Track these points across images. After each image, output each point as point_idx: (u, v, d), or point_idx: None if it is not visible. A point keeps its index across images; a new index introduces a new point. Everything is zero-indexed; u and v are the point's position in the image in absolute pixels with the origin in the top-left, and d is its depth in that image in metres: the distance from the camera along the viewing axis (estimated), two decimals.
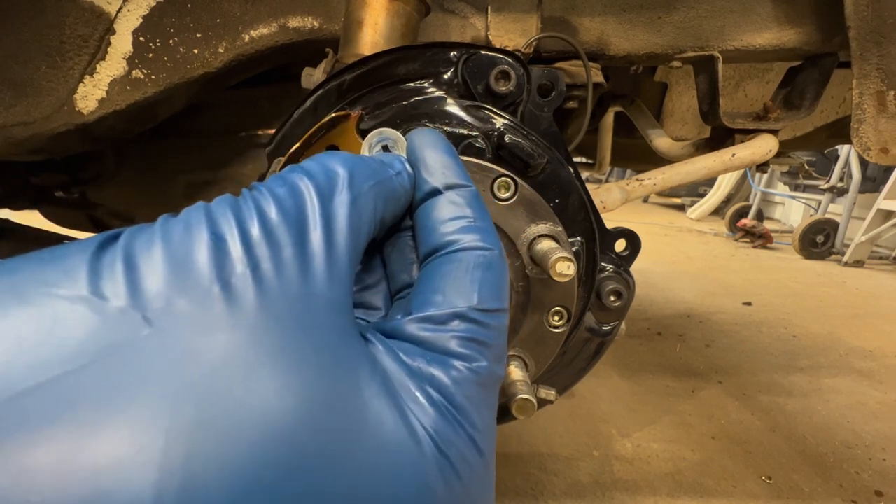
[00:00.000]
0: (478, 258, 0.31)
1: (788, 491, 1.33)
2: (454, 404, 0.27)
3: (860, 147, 0.72)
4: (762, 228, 5.17)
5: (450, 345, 0.29)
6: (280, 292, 0.24)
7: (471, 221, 0.32)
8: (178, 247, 0.23)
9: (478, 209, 0.33)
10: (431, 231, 0.32)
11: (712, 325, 2.59)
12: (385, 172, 0.32)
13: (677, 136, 1.30)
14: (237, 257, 0.24)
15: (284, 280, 0.25)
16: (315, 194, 0.27)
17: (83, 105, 0.79)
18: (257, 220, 0.25)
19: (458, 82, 0.54)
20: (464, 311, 0.29)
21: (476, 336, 0.29)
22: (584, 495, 1.27)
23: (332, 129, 0.53)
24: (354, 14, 0.62)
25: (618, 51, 0.77)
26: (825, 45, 0.74)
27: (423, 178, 0.34)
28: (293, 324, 0.24)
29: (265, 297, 0.24)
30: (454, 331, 0.29)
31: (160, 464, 0.20)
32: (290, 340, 0.24)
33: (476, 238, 0.31)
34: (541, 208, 0.50)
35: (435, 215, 0.32)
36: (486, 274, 0.31)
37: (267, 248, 0.25)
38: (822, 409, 1.77)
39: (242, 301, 0.23)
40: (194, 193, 1.19)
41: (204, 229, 0.24)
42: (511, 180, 0.49)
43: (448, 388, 0.27)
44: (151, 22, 0.76)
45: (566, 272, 0.43)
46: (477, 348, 0.29)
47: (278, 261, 0.25)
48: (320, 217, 0.27)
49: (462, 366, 0.28)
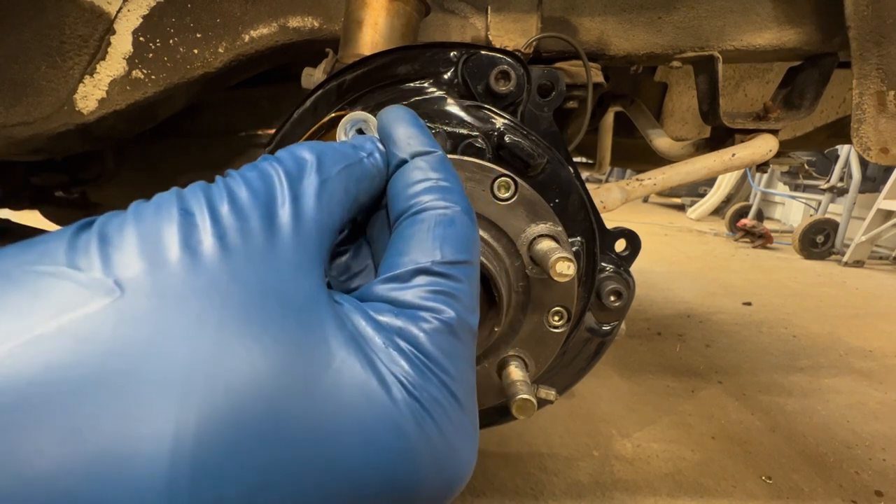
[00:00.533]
0: (439, 216, 0.32)
1: (788, 491, 1.33)
2: (424, 353, 0.28)
3: (860, 147, 0.72)
4: (762, 228, 5.17)
5: (415, 298, 0.29)
6: (245, 257, 0.26)
7: (434, 182, 0.33)
8: (148, 223, 0.25)
9: (442, 171, 0.34)
10: (398, 197, 0.33)
11: (712, 325, 2.59)
12: (356, 155, 0.33)
13: (677, 136, 1.30)
14: (204, 228, 0.25)
15: (250, 246, 0.26)
16: (284, 177, 0.29)
17: (83, 105, 0.79)
18: (227, 198, 0.27)
19: (458, 82, 0.54)
20: (427, 266, 0.30)
21: (442, 288, 0.30)
22: (584, 495, 1.27)
23: (331, 129, 0.53)
24: (354, 14, 0.62)
25: (618, 51, 0.77)
26: (825, 45, 0.74)
27: (391, 153, 0.35)
28: (259, 286, 0.25)
29: (231, 261, 0.25)
30: (419, 285, 0.30)
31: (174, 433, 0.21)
32: (257, 301, 0.25)
33: (437, 197, 0.32)
34: (541, 208, 0.50)
35: (400, 182, 0.34)
36: (448, 230, 0.31)
37: (234, 220, 0.26)
38: (822, 409, 1.77)
39: (209, 266, 0.25)
40: None
41: (174, 207, 0.26)
42: (511, 180, 0.49)
43: (417, 338, 0.28)
44: (151, 22, 0.76)
45: (566, 272, 0.43)
46: (444, 300, 0.30)
47: (245, 230, 0.26)
48: (289, 195, 0.28)
49: (431, 316, 0.29)
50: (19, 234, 1.26)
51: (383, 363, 0.27)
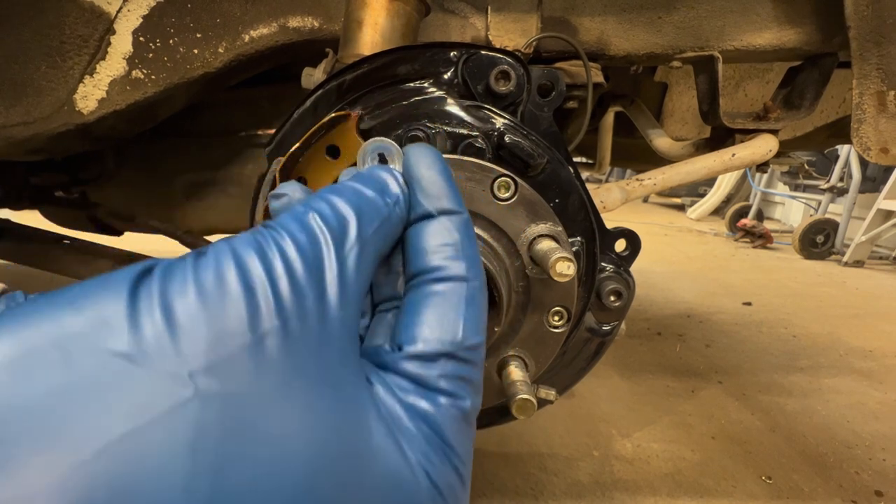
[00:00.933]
0: (462, 292, 0.33)
1: (788, 491, 1.33)
2: (443, 439, 0.30)
3: (860, 147, 0.72)
4: (762, 228, 5.17)
5: (439, 383, 0.31)
6: (304, 346, 0.27)
7: (458, 249, 0.34)
8: (212, 300, 0.25)
9: (467, 237, 0.35)
10: (420, 254, 0.34)
11: (712, 325, 2.59)
12: (386, 209, 0.33)
13: (677, 136, 1.30)
14: (267, 313, 0.26)
15: (307, 333, 0.27)
16: (330, 240, 0.29)
17: (83, 105, 0.79)
18: (284, 269, 0.27)
19: (458, 82, 0.54)
20: (451, 351, 0.32)
21: (462, 374, 0.32)
22: (584, 495, 1.27)
23: (331, 129, 0.53)
24: (354, 14, 0.62)
25: (618, 51, 0.77)
26: (825, 45, 0.74)
27: (417, 200, 0.35)
28: (317, 377, 0.27)
29: (294, 354, 0.26)
30: (442, 369, 0.31)
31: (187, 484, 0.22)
32: (315, 392, 0.27)
33: (462, 267, 0.33)
34: (541, 208, 0.50)
35: (425, 239, 0.34)
36: (470, 309, 0.33)
37: (294, 301, 0.27)
38: (822, 409, 1.77)
39: (275, 361, 0.26)
40: (194, 193, 1.19)
41: (237, 281, 0.26)
42: (511, 180, 0.49)
43: (438, 424, 0.31)
44: (151, 22, 0.76)
45: (566, 272, 0.43)
46: (463, 386, 0.32)
47: (303, 314, 0.27)
48: (336, 264, 0.29)
49: (449, 402, 0.31)
50: (19, 234, 1.26)
51: (412, 451, 0.29)
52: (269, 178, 0.56)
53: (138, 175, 1.22)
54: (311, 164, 0.55)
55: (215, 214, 1.20)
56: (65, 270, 1.20)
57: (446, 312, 0.32)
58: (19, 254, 1.25)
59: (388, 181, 0.34)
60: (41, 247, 1.23)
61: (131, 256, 1.18)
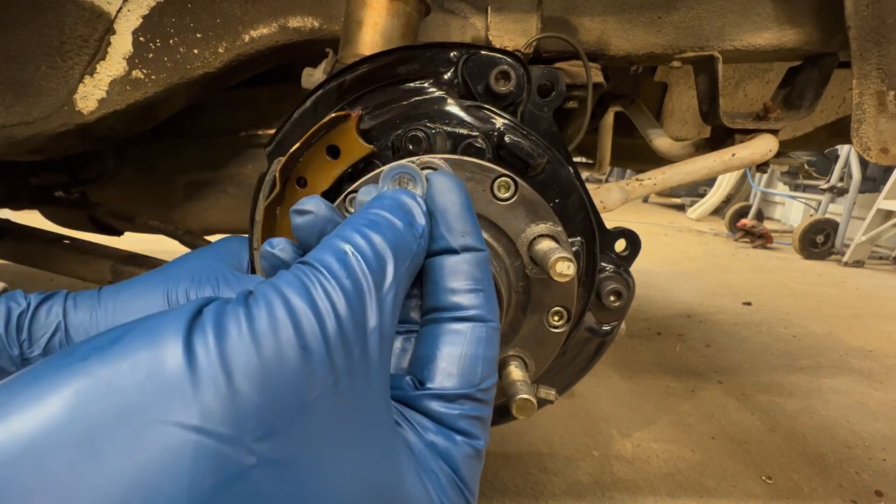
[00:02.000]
0: (482, 332, 0.34)
1: (788, 491, 1.33)
2: (460, 478, 0.32)
3: (860, 147, 0.72)
4: (762, 228, 5.17)
5: (458, 423, 0.33)
6: (352, 404, 0.27)
7: (478, 288, 0.35)
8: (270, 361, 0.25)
9: (486, 276, 0.35)
10: (441, 289, 0.35)
11: (712, 324, 2.59)
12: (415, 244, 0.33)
13: (677, 136, 1.30)
14: (321, 374, 0.26)
15: (354, 391, 0.28)
16: (373, 289, 0.30)
17: (83, 105, 0.79)
18: (333, 315, 0.27)
19: (458, 82, 0.54)
20: (469, 392, 0.33)
21: (478, 415, 0.34)
22: (583, 495, 1.27)
23: (332, 129, 0.53)
24: (354, 14, 0.62)
25: (618, 51, 0.77)
26: (825, 45, 0.74)
27: (440, 233, 0.35)
28: (360, 428, 0.28)
29: (341, 406, 0.27)
30: (461, 409, 0.33)
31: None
32: (359, 444, 0.27)
33: (481, 306, 0.34)
34: (541, 208, 0.50)
35: (447, 275, 0.35)
36: (488, 350, 0.34)
37: (342, 353, 0.27)
38: (822, 409, 1.77)
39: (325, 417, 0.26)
40: (194, 193, 1.19)
41: (292, 337, 0.26)
42: (511, 180, 0.49)
43: (456, 462, 0.32)
44: (151, 22, 0.76)
45: (566, 272, 0.43)
46: (478, 426, 0.34)
47: (351, 371, 0.27)
48: (376, 311, 0.29)
49: (467, 443, 0.33)
50: (19, 234, 1.26)
51: (435, 490, 0.31)
52: (269, 178, 0.56)
53: (138, 175, 1.22)
54: (312, 164, 0.55)
55: (215, 214, 1.20)
56: (65, 270, 1.20)
57: (466, 353, 0.33)
58: (19, 254, 1.25)
59: (413, 211, 0.34)
60: (41, 246, 1.23)
61: (131, 256, 1.18)
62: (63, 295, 0.55)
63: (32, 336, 0.52)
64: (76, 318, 0.54)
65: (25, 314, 0.52)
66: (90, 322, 0.54)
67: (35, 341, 0.52)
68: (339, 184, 0.54)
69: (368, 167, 0.53)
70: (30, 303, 0.53)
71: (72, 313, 0.54)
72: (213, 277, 0.57)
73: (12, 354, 0.51)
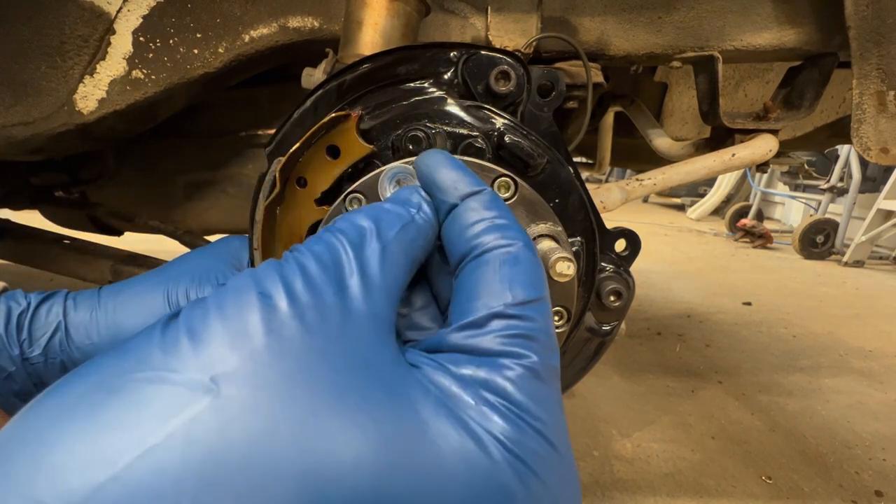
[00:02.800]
0: (503, 255, 0.31)
1: (788, 491, 1.33)
2: (514, 403, 0.27)
3: (860, 147, 0.72)
4: (762, 228, 5.17)
5: (494, 345, 0.29)
6: (326, 335, 0.26)
7: (490, 222, 0.33)
8: (230, 311, 0.26)
9: (495, 209, 0.34)
10: (456, 241, 0.33)
11: (712, 324, 2.59)
12: (408, 214, 0.33)
13: (677, 136, 1.30)
14: (284, 310, 0.26)
15: (329, 322, 0.27)
16: (349, 247, 0.30)
17: (83, 105, 0.79)
18: (300, 274, 0.28)
19: (458, 82, 0.54)
20: (500, 310, 0.29)
21: (519, 331, 0.29)
22: (583, 495, 1.27)
23: (331, 130, 0.53)
24: (354, 14, 0.62)
25: (618, 51, 0.77)
26: (825, 45, 0.74)
27: (440, 200, 0.35)
28: (344, 363, 0.26)
29: (314, 340, 0.26)
30: (495, 331, 0.29)
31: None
32: (345, 380, 0.26)
33: (497, 236, 0.32)
34: (541, 208, 0.50)
35: (457, 226, 0.34)
36: (515, 269, 0.31)
37: (310, 296, 0.27)
38: (822, 409, 1.77)
39: (295, 350, 0.25)
40: (194, 193, 1.19)
41: (252, 291, 0.26)
42: (511, 180, 0.49)
43: (504, 388, 0.28)
44: (151, 22, 0.76)
45: (566, 272, 0.43)
46: (523, 343, 0.29)
47: (322, 306, 0.27)
48: (355, 265, 0.29)
49: (513, 363, 0.28)
50: (19, 234, 1.26)
51: (476, 422, 0.26)
52: (269, 179, 0.56)
53: (138, 175, 1.22)
54: (312, 164, 0.55)
55: (215, 214, 1.20)
56: (65, 270, 1.20)
57: (490, 278, 0.31)
58: (19, 254, 1.25)
59: (408, 196, 0.35)
60: (41, 246, 1.23)
61: (131, 256, 1.18)
62: (63, 294, 0.56)
63: (32, 336, 0.52)
64: (76, 317, 0.54)
65: (26, 314, 0.52)
66: (90, 322, 0.54)
67: (35, 341, 0.52)
68: (339, 184, 0.54)
69: (368, 167, 0.53)
70: (30, 302, 0.53)
71: (72, 313, 0.54)
72: (214, 277, 0.57)
73: (12, 354, 0.51)
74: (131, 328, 0.54)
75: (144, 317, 0.55)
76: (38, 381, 0.53)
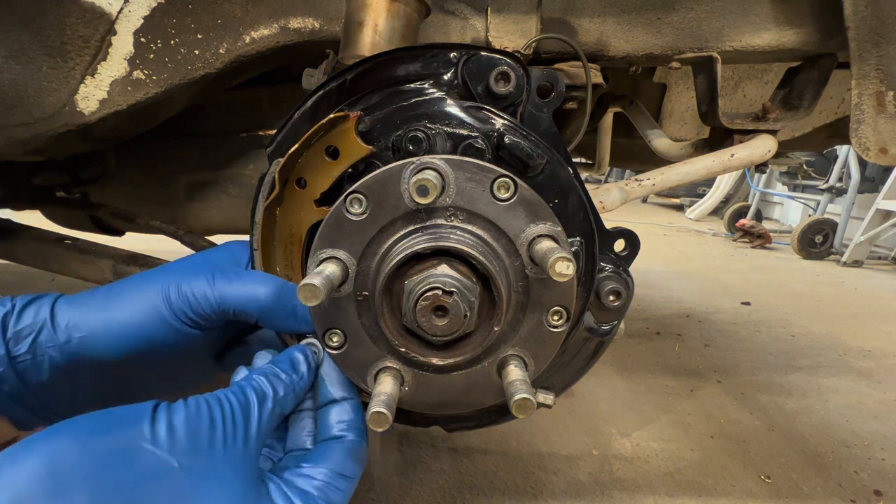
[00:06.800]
0: (350, 446, 0.53)
1: (787, 490, 1.33)
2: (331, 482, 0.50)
3: (859, 147, 0.72)
4: (761, 228, 5.18)
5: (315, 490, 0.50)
6: (223, 457, 0.45)
7: (352, 423, 0.54)
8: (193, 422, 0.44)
9: (358, 414, 0.55)
10: (330, 426, 0.54)
11: (711, 324, 2.60)
12: (294, 382, 0.53)
13: (676, 136, 1.30)
14: (206, 435, 0.45)
15: (228, 452, 0.45)
16: (256, 400, 0.49)
17: (84, 105, 0.79)
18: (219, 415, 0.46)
19: (458, 83, 0.54)
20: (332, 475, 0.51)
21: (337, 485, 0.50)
22: (583, 494, 1.27)
23: (330, 130, 0.54)
24: (355, 15, 0.62)
25: (617, 52, 0.77)
26: (824, 45, 0.75)
27: (328, 390, 0.55)
28: (241, 470, 0.46)
29: (214, 460, 0.44)
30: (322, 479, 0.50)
31: None
32: (228, 479, 0.45)
33: (355, 433, 0.53)
34: (540, 208, 0.51)
35: (333, 416, 0.54)
36: (350, 454, 0.52)
37: (187, 443, 0.44)
38: (820, 408, 1.77)
39: (207, 458, 0.44)
40: (195, 194, 1.19)
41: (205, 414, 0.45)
42: (511, 180, 0.50)
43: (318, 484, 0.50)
44: (152, 23, 0.77)
45: (565, 272, 0.43)
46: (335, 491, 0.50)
47: (194, 452, 0.43)
48: (255, 417, 0.49)
49: None
50: (19, 234, 1.26)
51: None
52: (269, 179, 0.56)
53: (139, 175, 1.22)
54: (311, 165, 0.55)
55: (216, 215, 1.20)
56: (66, 270, 1.20)
57: (336, 455, 0.52)
58: (20, 254, 1.25)
59: (299, 368, 0.54)
60: (42, 246, 1.23)
61: (132, 256, 1.19)
62: (52, 297, 0.58)
63: (19, 335, 0.54)
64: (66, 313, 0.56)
65: (11, 315, 0.54)
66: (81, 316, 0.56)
67: (22, 339, 0.54)
68: (339, 184, 0.55)
69: (369, 168, 0.53)
70: (15, 304, 0.55)
71: (62, 312, 0.55)
72: (209, 270, 0.58)
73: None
74: (123, 320, 0.56)
75: (137, 309, 0.56)
76: (29, 382, 0.54)
